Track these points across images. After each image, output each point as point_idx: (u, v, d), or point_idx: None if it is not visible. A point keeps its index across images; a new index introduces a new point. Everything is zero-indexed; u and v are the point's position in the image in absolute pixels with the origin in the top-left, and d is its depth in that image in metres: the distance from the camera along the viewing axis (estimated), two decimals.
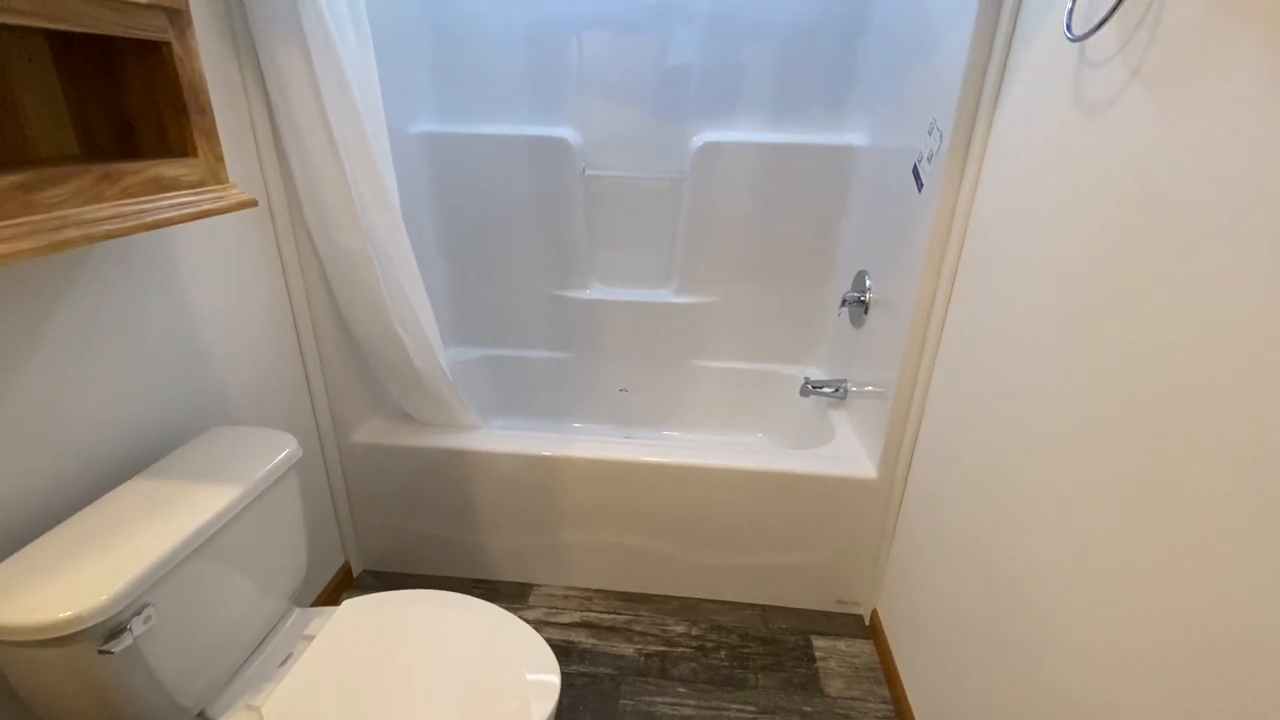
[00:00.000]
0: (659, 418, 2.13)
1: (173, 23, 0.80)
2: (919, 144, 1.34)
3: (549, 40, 1.77)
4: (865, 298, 1.62)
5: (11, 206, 0.63)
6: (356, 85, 1.23)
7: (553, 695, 0.92)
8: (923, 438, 1.37)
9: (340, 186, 1.27)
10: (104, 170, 0.73)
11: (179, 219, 0.81)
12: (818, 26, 1.69)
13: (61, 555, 0.78)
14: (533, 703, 0.91)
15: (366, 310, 1.42)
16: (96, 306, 0.95)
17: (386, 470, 1.60)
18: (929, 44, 1.33)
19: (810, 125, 1.78)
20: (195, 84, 0.85)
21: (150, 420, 1.05)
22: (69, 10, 0.68)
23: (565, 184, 1.89)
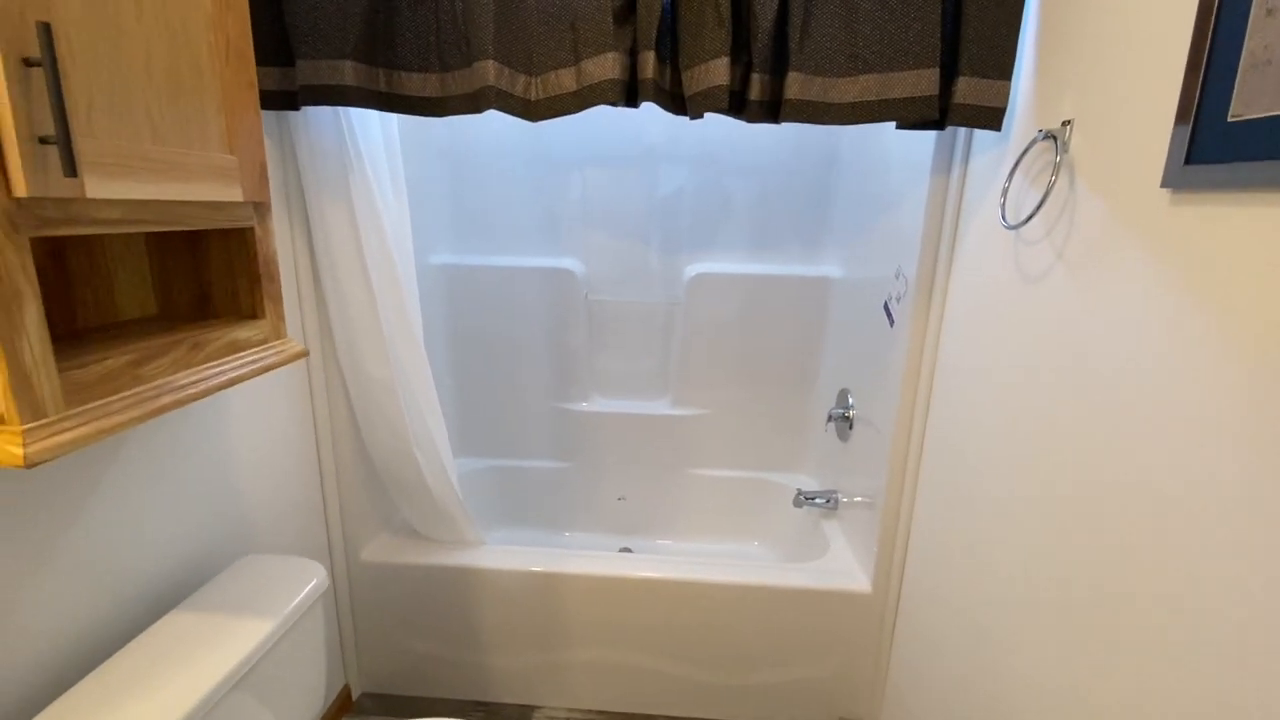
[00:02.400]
0: (656, 526, 2.18)
1: (257, 211, 0.95)
2: (887, 283, 1.52)
3: (556, 182, 1.99)
4: (849, 414, 1.75)
5: (123, 381, 0.74)
6: (391, 234, 1.39)
7: None
8: (912, 551, 1.45)
9: (372, 322, 1.40)
10: (194, 340, 0.85)
11: (248, 375, 0.92)
12: (797, 174, 1.93)
13: (116, 690, 0.83)
14: None
15: (387, 434, 1.51)
16: (150, 454, 1.04)
17: (392, 588, 1.63)
18: (892, 199, 1.54)
19: (790, 258, 1.99)
20: (269, 258, 0.99)
21: (186, 551, 1.11)
22: (184, 215, 0.82)
23: (569, 308, 2.05)
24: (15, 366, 0.62)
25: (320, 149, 1.29)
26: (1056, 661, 0.91)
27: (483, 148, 1.97)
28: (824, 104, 1.08)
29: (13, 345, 0.61)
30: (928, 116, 1.07)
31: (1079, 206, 0.90)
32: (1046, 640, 0.93)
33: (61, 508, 0.90)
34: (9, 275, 0.61)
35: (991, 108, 1.07)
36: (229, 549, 1.20)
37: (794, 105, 1.08)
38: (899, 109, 1.06)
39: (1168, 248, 0.73)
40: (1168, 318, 0.73)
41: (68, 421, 0.66)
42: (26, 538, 0.85)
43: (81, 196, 0.66)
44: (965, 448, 1.21)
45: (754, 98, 1.10)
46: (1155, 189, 0.75)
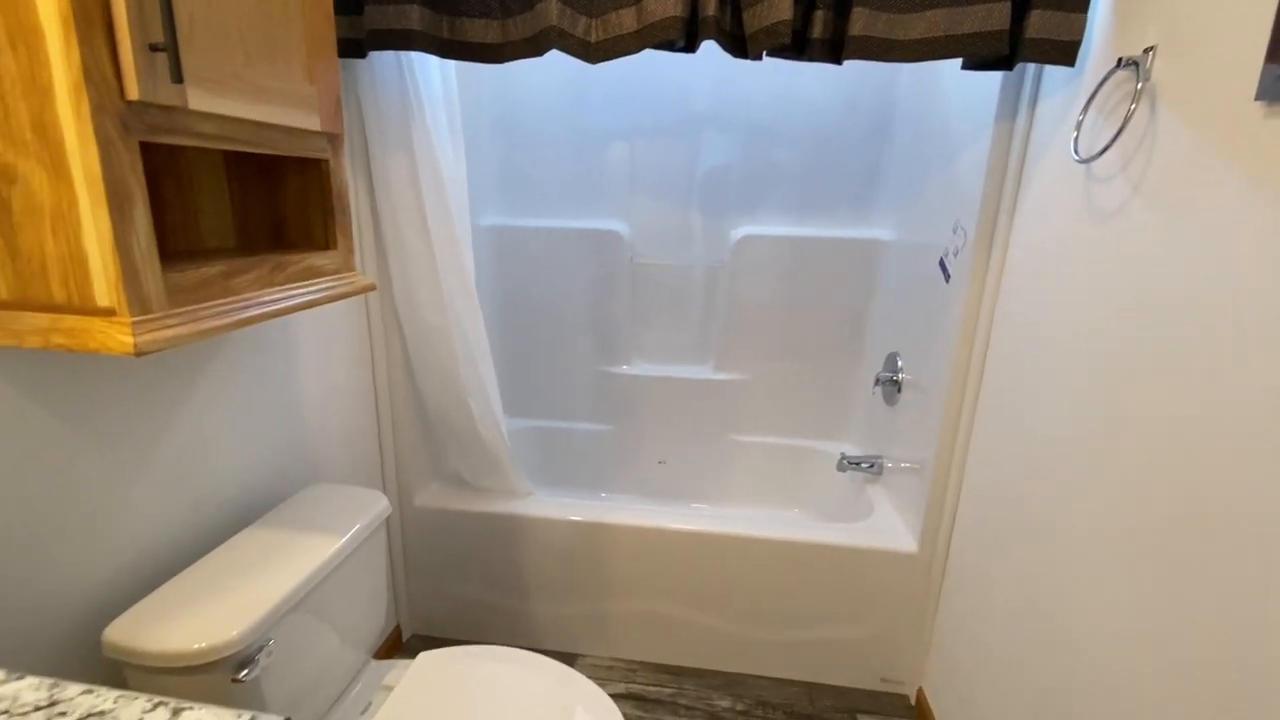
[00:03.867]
0: (695, 490, 2.19)
1: (331, 144, 0.99)
2: (943, 240, 1.49)
3: (602, 146, 2.00)
4: (897, 377, 1.73)
5: (216, 290, 0.78)
6: (451, 188, 1.42)
7: None
8: (962, 512, 1.43)
9: (430, 272, 1.44)
10: (275, 261, 0.89)
11: (323, 300, 0.96)
12: (847, 133, 1.90)
13: (196, 593, 0.88)
14: None
15: (441, 381, 1.56)
16: (233, 373, 1.09)
17: (442, 534, 1.69)
18: (949, 153, 1.51)
19: (839, 221, 1.96)
20: (341, 191, 1.02)
21: (261, 476, 1.16)
22: (267, 139, 0.86)
23: (614, 271, 2.07)
24: (126, 261, 0.66)
25: (384, 97, 1.33)
26: (1121, 625, 0.89)
27: (530, 112, 1.99)
28: (889, 40, 1.06)
29: (125, 241, 0.66)
30: (998, 52, 1.05)
31: (1160, 135, 0.87)
32: (1110, 602, 0.92)
33: (156, 418, 0.95)
34: (121, 174, 0.65)
35: (1066, 41, 1.04)
36: (296, 477, 1.26)
37: (858, 42, 1.07)
38: (968, 44, 1.04)
39: (1265, 165, 0.71)
40: (1263, 243, 0.70)
41: (169, 319, 0.71)
42: (124, 444, 0.91)
43: (184, 106, 0.70)
44: (1024, 405, 1.19)
45: (816, 35, 1.09)
46: (1249, 103, 0.72)
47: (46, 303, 0.68)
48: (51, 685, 0.50)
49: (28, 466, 0.79)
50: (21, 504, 0.78)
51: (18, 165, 0.65)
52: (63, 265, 0.67)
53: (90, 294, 0.67)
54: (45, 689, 0.50)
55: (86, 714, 0.48)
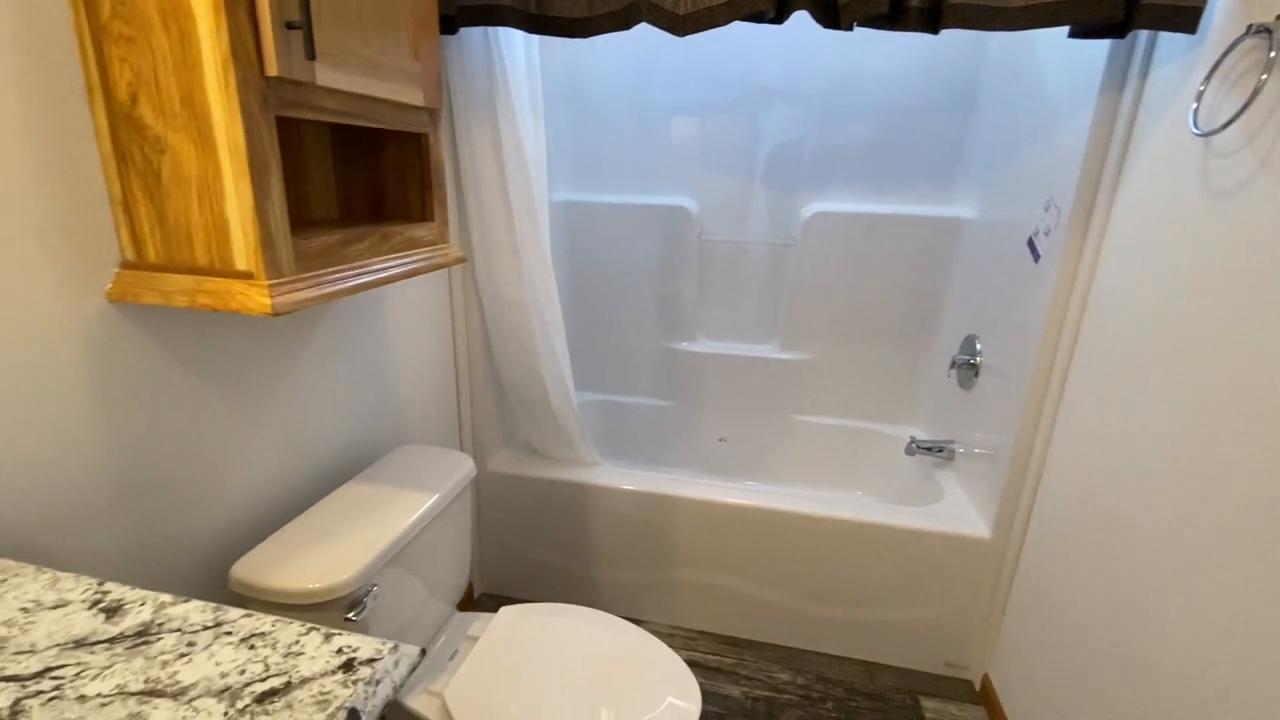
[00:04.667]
0: (756, 469, 2.20)
1: (431, 118, 1.03)
2: (1033, 218, 1.43)
3: (673, 119, 1.99)
4: (975, 361, 1.68)
5: (333, 257, 0.83)
6: (532, 162, 1.45)
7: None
8: (1041, 499, 1.39)
9: (510, 245, 1.48)
10: (382, 231, 0.94)
11: (422, 270, 1.01)
12: (926, 107, 1.83)
13: (310, 538, 0.95)
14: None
15: (518, 353, 1.61)
16: (334, 339, 1.16)
17: (513, 498, 1.75)
18: (1043, 128, 1.44)
19: (916, 197, 1.90)
20: (438, 164, 1.06)
21: (358, 435, 1.24)
22: (377, 113, 0.90)
23: (682, 247, 2.07)
24: (264, 228, 0.71)
25: (470, 71, 1.36)
26: (1210, 623, 0.86)
27: (599, 88, 2.00)
28: (992, 8, 1.02)
29: (263, 209, 0.71)
30: (1111, 19, 0.99)
31: None
32: (1199, 599, 0.88)
33: (270, 378, 1.03)
34: (261, 146, 0.70)
35: (1188, 6, 0.97)
36: (387, 438, 1.33)
37: (958, 10, 1.03)
38: (1079, 10, 0.99)
39: None
40: None
41: (299, 283, 0.76)
42: (244, 399, 0.98)
43: (313, 81, 0.74)
44: (1117, 392, 1.14)
45: (913, 4, 1.05)
46: None
47: (191, 266, 0.74)
48: (215, 609, 0.56)
49: (167, 414, 0.87)
50: (160, 448, 0.86)
51: (167, 137, 0.70)
52: (206, 231, 0.72)
53: (231, 258, 0.72)
54: (210, 611, 0.56)
55: (250, 634, 0.53)
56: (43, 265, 0.71)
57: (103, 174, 0.74)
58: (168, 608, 0.56)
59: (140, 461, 0.84)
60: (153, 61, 0.68)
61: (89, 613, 0.55)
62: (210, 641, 0.52)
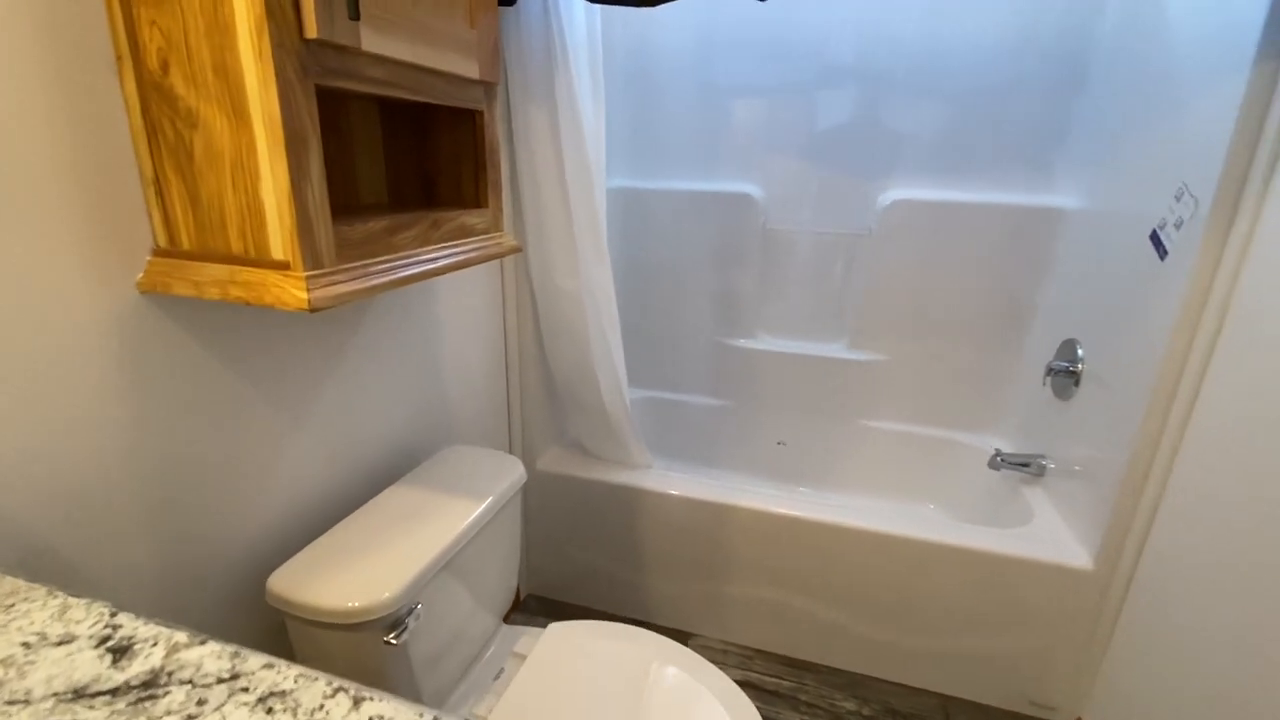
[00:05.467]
0: (818, 476, 2.06)
1: (486, 94, 0.93)
2: (1159, 209, 1.25)
3: (737, 104, 1.86)
4: (1076, 369, 1.50)
5: (378, 246, 0.75)
6: (591, 145, 1.35)
7: None
8: (1159, 528, 1.22)
9: (566, 234, 1.38)
10: (432, 218, 0.85)
11: (475, 260, 0.92)
12: (1022, 83, 1.64)
13: (351, 549, 0.89)
14: None
15: (570, 349, 1.52)
16: (381, 333, 1.09)
17: (562, 499, 1.67)
18: (1176, 103, 1.25)
19: (1010, 185, 1.71)
20: (493, 145, 0.97)
21: (406, 435, 1.17)
22: (428, 86, 0.81)
23: (745, 237, 1.94)
24: (301, 213, 0.63)
25: (529, 45, 1.26)
26: None
27: (660, 68, 1.88)
28: None
29: (300, 191, 0.63)
30: None
31: None
32: None
33: (312, 375, 0.96)
34: (299, 119, 0.61)
35: None
36: (434, 438, 1.27)
37: None
38: None
39: None
40: None
41: (339, 275, 0.68)
42: (286, 398, 0.92)
43: (358, 46, 0.65)
44: (1267, 412, 0.97)
45: None
46: None
47: (225, 254, 0.67)
48: (233, 654, 0.48)
49: (204, 415, 0.81)
50: (196, 449, 0.81)
51: (199, 109, 0.63)
52: (241, 215, 0.65)
53: (266, 246, 0.65)
54: (228, 658, 0.48)
55: (268, 692, 0.45)
56: (70, 253, 0.65)
57: (133, 151, 0.68)
58: (181, 651, 0.48)
59: (174, 465, 0.78)
60: (183, 23, 0.61)
61: (95, 652, 0.48)
62: (223, 699, 0.44)
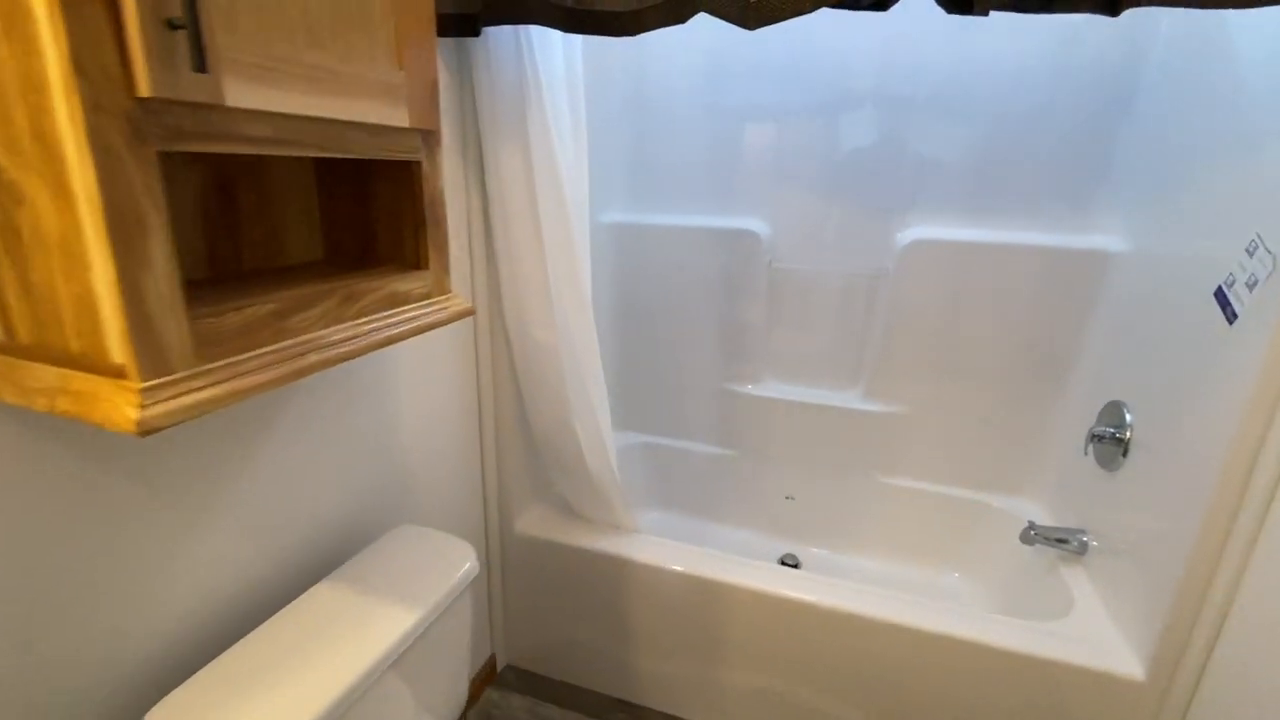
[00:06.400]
0: (829, 535, 1.89)
1: (425, 142, 0.81)
2: (1225, 261, 1.07)
3: (744, 132, 1.72)
4: (1123, 436, 1.31)
5: (264, 335, 0.63)
6: (569, 187, 1.22)
7: None
8: (1230, 635, 1.03)
9: (541, 283, 1.26)
10: (347, 291, 0.73)
11: (404, 335, 0.79)
12: (1059, 109, 1.47)
13: (250, 674, 0.76)
14: None
15: (548, 404, 1.39)
16: (316, 402, 0.97)
17: (543, 565, 1.53)
18: (1241, 139, 1.07)
19: (1044, 224, 1.54)
20: (435, 199, 0.85)
21: (345, 516, 1.05)
22: (342, 139, 0.69)
23: (748, 276, 1.79)
24: (136, 308, 0.51)
25: (499, 81, 1.15)
26: None
27: (662, 93, 1.75)
28: None
29: (135, 283, 0.50)
30: None
31: None
32: None
33: (226, 461, 0.84)
34: (128, 194, 0.49)
35: None
36: (384, 516, 1.14)
37: None
38: None
39: None
40: None
41: (197, 380, 0.55)
42: (188, 493, 0.80)
43: (220, 103, 0.53)
44: None
45: None
46: None
47: (63, 353, 0.55)
48: None
49: (75, 530, 0.69)
50: (67, 570, 0.69)
51: (23, 182, 0.51)
52: (75, 309, 0.53)
53: (103, 347, 0.52)
54: None
55: None
56: None
57: None
58: None
59: (30, 587, 0.66)
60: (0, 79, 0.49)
61: None
62: None
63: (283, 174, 0.86)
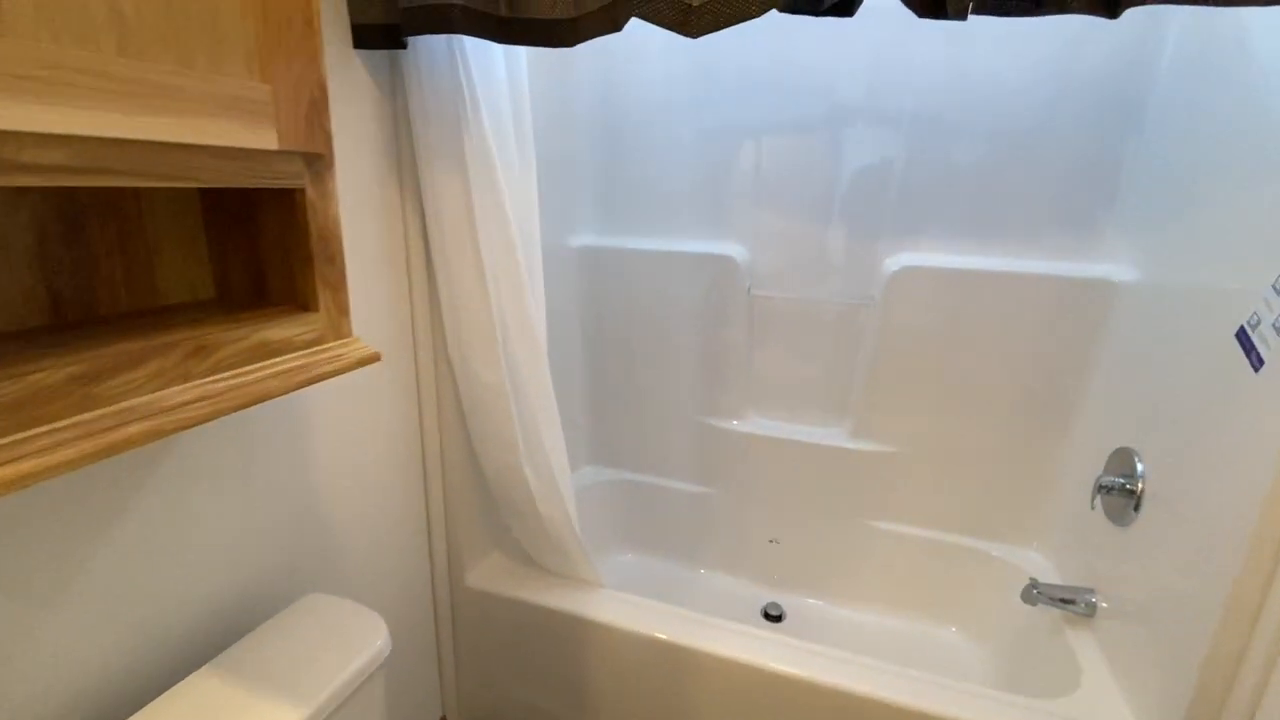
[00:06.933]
0: (815, 582, 1.75)
1: (310, 167, 0.70)
2: (1248, 297, 0.94)
3: (723, 150, 1.61)
4: (1134, 487, 1.17)
5: (63, 405, 0.51)
6: (514, 211, 1.11)
7: None
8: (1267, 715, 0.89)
9: (484, 317, 1.14)
10: (197, 342, 0.61)
11: (279, 390, 0.68)
12: (1062, 126, 1.35)
13: None
14: None
15: (497, 447, 1.27)
16: (202, 463, 0.85)
17: (496, 622, 1.40)
18: (1265, 161, 0.95)
19: (1044, 249, 1.42)
20: (326, 232, 0.73)
21: (239, 588, 0.93)
22: (188, 165, 0.58)
23: (726, 304, 1.68)
24: None
25: (431, 97, 1.04)
26: None
27: (638, 111, 1.65)
28: None
29: None
30: None
31: None
32: None
33: (84, 537, 0.73)
34: None
35: None
36: (300, 581, 1.02)
37: None
38: None
39: None
40: None
41: None
42: (31, 575, 0.68)
43: None
44: None
45: None
46: None
47: None
48: None
49: None
50: None
51: None
52: None
53: None
54: None
55: None
56: None
57: None
58: None
59: None
60: None
61: None
62: None
63: (158, 203, 0.75)
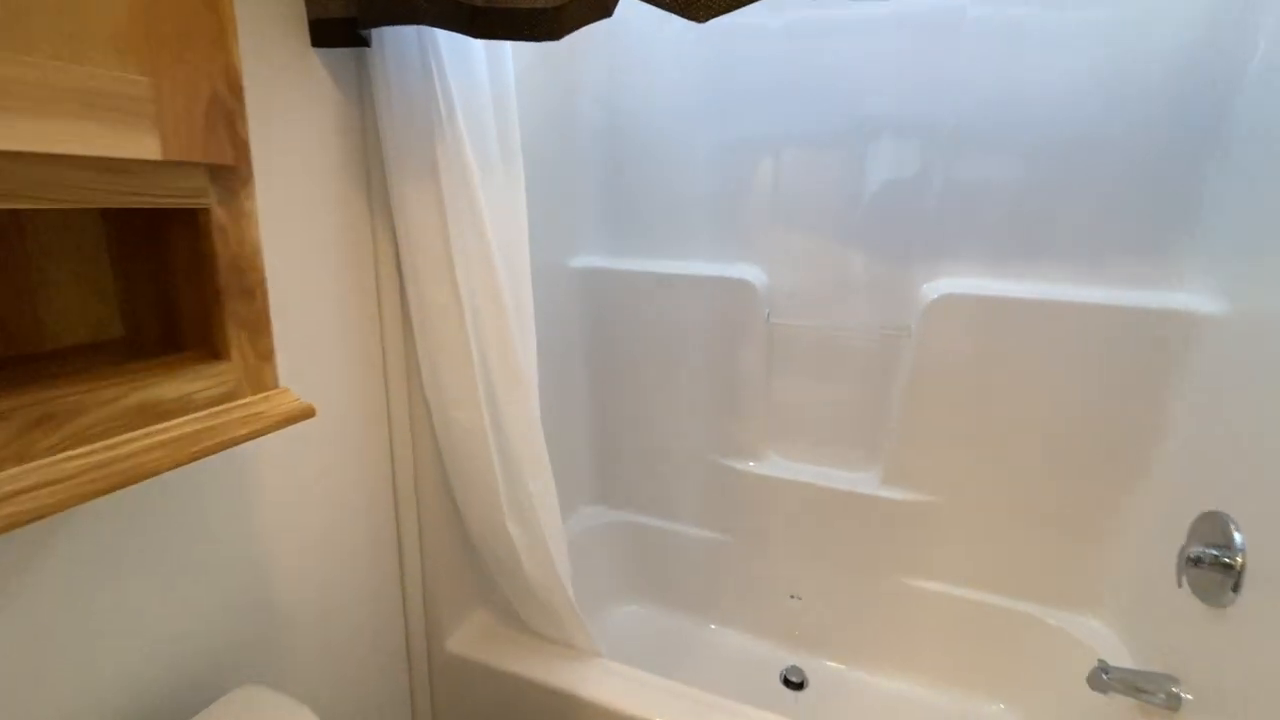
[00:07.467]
0: (843, 644, 1.56)
1: (215, 182, 0.56)
2: None
3: (741, 163, 1.46)
4: (1232, 561, 0.98)
5: None
6: (497, 230, 0.97)
7: None
8: None
9: (461, 353, 1.00)
10: (43, 410, 0.47)
11: (166, 465, 0.53)
12: (1128, 135, 1.18)
13: None
14: None
15: (477, 498, 1.12)
16: (106, 540, 0.71)
17: (479, 695, 1.24)
18: None
19: (1112, 277, 1.24)
20: (242, 262, 0.60)
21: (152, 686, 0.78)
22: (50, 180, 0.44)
23: (743, 333, 1.52)
24: None
25: (401, 104, 0.91)
26: None
27: (647, 121, 1.51)
28: None
29: None
30: None
31: None
32: None
33: None
34: None
35: None
36: (236, 668, 0.87)
37: None
38: None
39: None
40: None
41: None
42: None
43: None
44: None
45: None
46: None
47: None
48: None
49: None
50: None
51: None
52: None
53: None
54: None
55: None
56: None
57: None
58: None
59: None
60: None
61: None
62: None
63: (45, 223, 0.62)
